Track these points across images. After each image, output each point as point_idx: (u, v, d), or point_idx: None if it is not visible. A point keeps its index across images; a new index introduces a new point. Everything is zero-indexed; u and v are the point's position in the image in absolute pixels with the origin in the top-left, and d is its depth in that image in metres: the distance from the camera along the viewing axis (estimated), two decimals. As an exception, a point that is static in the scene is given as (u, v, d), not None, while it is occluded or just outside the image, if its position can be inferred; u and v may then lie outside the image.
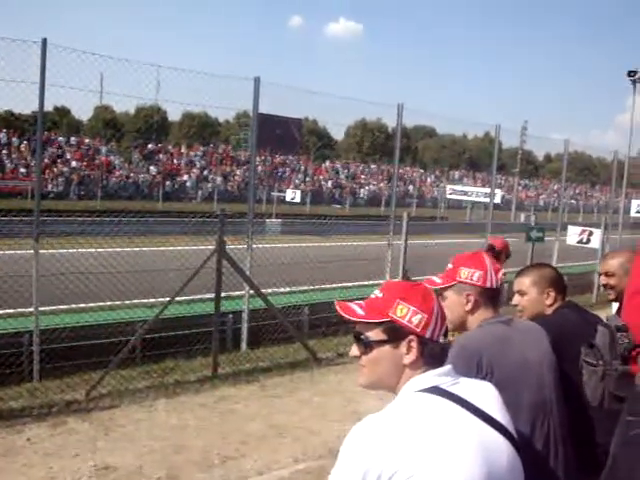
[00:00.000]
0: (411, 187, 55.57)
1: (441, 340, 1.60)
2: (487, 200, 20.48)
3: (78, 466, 4.69)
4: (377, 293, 1.63)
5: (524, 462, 1.55)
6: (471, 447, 1.41)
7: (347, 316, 1.60)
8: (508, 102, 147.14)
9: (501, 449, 1.48)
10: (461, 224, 32.00)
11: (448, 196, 41.12)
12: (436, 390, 1.50)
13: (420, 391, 1.51)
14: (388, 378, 1.59)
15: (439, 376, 1.54)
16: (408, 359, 1.55)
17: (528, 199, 60.89)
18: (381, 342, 1.57)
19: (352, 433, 1.43)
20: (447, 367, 1.58)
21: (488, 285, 2.28)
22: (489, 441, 1.47)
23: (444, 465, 1.36)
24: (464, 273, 2.29)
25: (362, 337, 1.59)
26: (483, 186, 47.20)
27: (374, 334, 1.58)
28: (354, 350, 1.63)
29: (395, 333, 1.56)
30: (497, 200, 23.67)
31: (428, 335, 1.56)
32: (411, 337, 1.55)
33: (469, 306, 2.27)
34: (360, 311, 1.60)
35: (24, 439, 5.15)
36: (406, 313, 1.56)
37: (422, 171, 63.98)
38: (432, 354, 1.57)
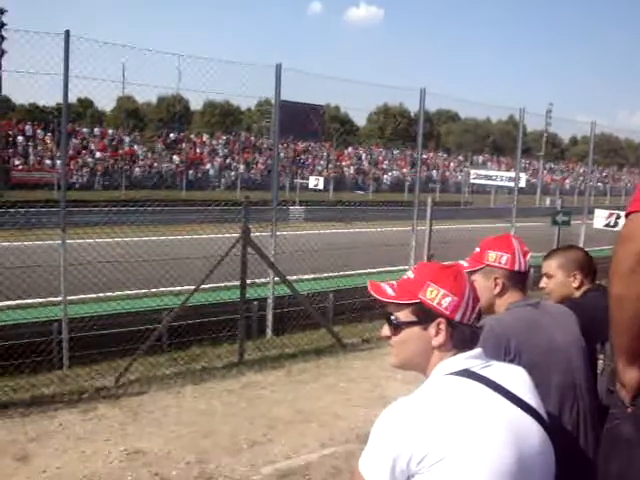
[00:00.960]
0: (434, 172, 55.17)
1: (474, 323, 1.59)
2: (512, 184, 20.25)
3: (109, 450, 4.77)
4: (409, 274, 1.64)
5: (554, 445, 1.54)
6: (501, 430, 1.41)
7: (378, 296, 1.61)
8: (533, 84, 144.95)
9: (532, 432, 1.48)
10: (486, 209, 31.71)
11: (472, 181, 40.73)
12: (467, 373, 1.50)
13: (451, 374, 1.51)
14: (417, 359, 1.59)
15: (470, 359, 1.54)
16: (437, 341, 1.56)
17: (554, 183, 60.07)
18: (410, 323, 1.58)
19: (382, 416, 1.44)
20: (478, 350, 1.57)
21: (516, 268, 2.27)
22: (520, 424, 1.46)
23: (475, 448, 1.36)
24: (492, 256, 2.27)
25: (392, 318, 1.60)
26: (507, 170, 46.66)
27: (404, 315, 1.59)
28: (385, 330, 1.64)
29: (424, 315, 1.56)
30: (522, 184, 23.39)
31: (458, 318, 1.55)
32: (440, 319, 1.55)
33: (497, 289, 2.26)
34: (391, 292, 1.61)
35: (56, 424, 5.25)
36: (436, 295, 1.56)
37: (445, 156, 63.46)
38: (462, 337, 1.57)
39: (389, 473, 1.38)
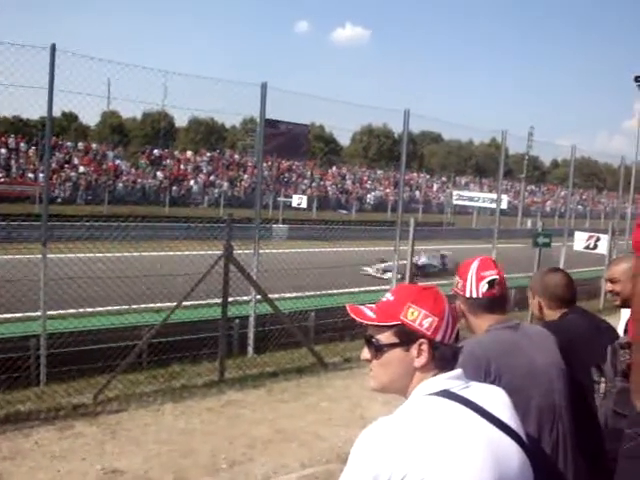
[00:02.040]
0: (417, 193, 55.52)
1: (452, 343, 1.59)
2: (493, 206, 20.45)
3: (85, 470, 4.70)
4: (388, 296, 1.63)
5: (533, 467, 1.55)
6: (481, 451, 1.41)
7: (358, 319, 1.60)
8: (514, 108, 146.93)
9: (511, 453, 1.48)
10: (468, 230, 31.95)
11: (455, 202, 41.08)
12: (446, 394, 1.50)
13: (430, 394, 1.50)
14: (399, 381, 1.58)
15: (450, 379, 1.54)
16: (419, 362, 1.55)
17: (535, 205, 60.72)
18: (392, 345, 1.56)
19: (362, 436, 1.43)
20: (458, 371, 1.57)
21: (467, 295, 2.28)
22: (499, 445, 1.46)
23: (454, 469, 1.36)
24: (455, 281, 2.33)
25: (373, 340, 1.59)
26: (489, 192, 47.12)
27: (385, 337, 1.57)
28: (365, 353, 1.62)
29: (406, 336, 1.55)
30: (504, 206, 23.59)
31: (439, 338, 1.55)
32: (422, 340, 1.54)
33: (459, 315, 2.29)
34: (371, 314, 1.60)
35: (32, 442, 5.16)
36: (417, 316, 1.55)
37: (428, 177, 63.93)
38: (443, 357, 1.56)
39: None
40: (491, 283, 2.26)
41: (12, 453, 4.95)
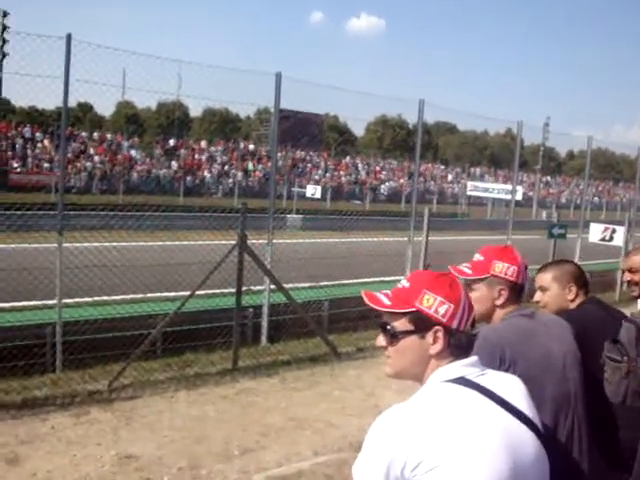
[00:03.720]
0: (432, 183, 55.29)
1: (468, 330, 1.59)
2: (508, 197, 20.31)
3: (100, 454, 4.76)
4: (404, 283, 1.62)
5: (549, 455, 1.55)
6: (496, 438, 1.41)
7: (374, 306, 1.59)
8: (530, 98, 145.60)
9: (526, 441, 1.48)
10: (482, 221, 31.77)
11: (469, 193, 40.85)
12: (462, 381, 1.50)
13: (446, 381, 1.50)
14: (414, 368, 1.58)
15: (465, 367, 1.54)
16: (434, 349, 1.54)
17: (550, 196, 60.25)
18: (407, 332, 1.56)
19: (377, 422, 1.44)
20: (473, 358, 1.57)
21: (520, 281, 2.29)
22: (515, 433, 1.47)
23: (469, 456, 1.36)
24: (499, 267, 2.28)
25: (388, 327, 1.59)
26: (504, 183, 46.81)
27: (400, 324, 1.57)
28: (380, 340, 1.62)
29: (421, 323, 1.55)
30: (518, 197, 23.44)
31: (455, 325, 1.54)
32: (437, 327, 1.54)
33: (501, 300, 2.27)
34: (387, 301, 1.59)
35: (48, 427, 5.24)
36: (432, 303, 1.54)
37: (443, 167, 63.62)
38: (459, 344, 1.56)
39: (383, 479, 1.38)
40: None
41: (29, 437, 5.03)
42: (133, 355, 6.54)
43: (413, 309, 1.55)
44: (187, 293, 7.18)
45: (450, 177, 61.24)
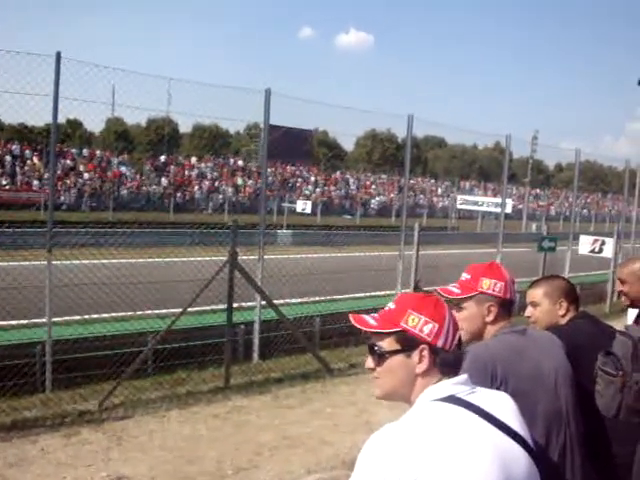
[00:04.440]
0: (422, 197, 55.52)
1: (455, 349, 1.61)
2: (498, 210, 20.40)
3: (91, 476, 4.70)
4: (390, 305, 1.66)
5: (541, 473, 1.55)
6: (488, 456, 1.41)
7: (361, 327, 1.62)
8: (518, 112, 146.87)
9: (518, 458, 1.48)
10: (472, 234, 31.90)
11: (459, 206, 41.08)
12: (452, 399, 1.50)
13: (436, 400, 1.51)
14: (402, 388, 1.60)
15: (455, 385, 1.55)
16: (420, 368, 1.57)
17: (539, 209, 60.62)
18: (394, 352, 1.59)
19: (369, 442, 1.43)
20: (463, 376, 1.58)
21: (509, 296, 2.30)
22: (506, 450, 1.46)
23: (461, 474, 1.36)
24: (486, 284, 2.29)
25: (376, 348, 1.61)
26: (494, 196, 47.10)
27: (387, 344, 1.60)
28: (369, 362, 1.65)
29: (407, 342, 1.58)
30: (508, 210, 23.58)
31: (440, 344, 1.57)
32: (423, 346, 1.57)
33: (491, 317, 2.28)
34: (373, 322, 1.63)
35: (38, 449, 5.17)
36: (417, 323, 1.57)
37: (433, 181, 63.93)
38: (445, 363, 1.58)
39: None
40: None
41: (18, 460, 4.96)
42: (124, 374, 6.48)
43: (399, 329, 1.58)
44: (178, 310, 7.14)
45: (440, 191, 61.52)
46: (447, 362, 1.58)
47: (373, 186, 56.71)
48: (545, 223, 15.46)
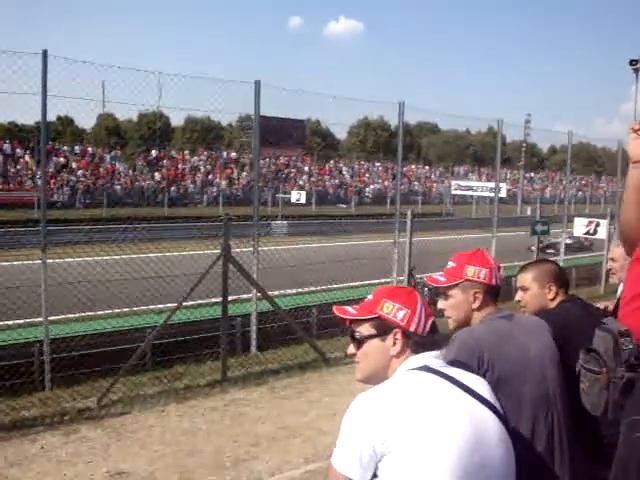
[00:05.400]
0: (416, 184, 55.53)
1: (428, 335, 1.75)
2: (493, 195, 20.45)
3: (91, 473, 4.74)
4: (369, 297, 1.84)
5: (527, 457, 1.60)
6: (458, 417, 1.54)
7: (341, 315, 1.82)
8: (511, 96, 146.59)
9: (489, 422, 1.61)
10: (467, 219, 31.92)
11: (453, 192, 41.13)
12: (426, 368, 1.66)
13: (411, 369, 1.67)
14: (380, 370, 1.75)
15: (429, 357, 1.71)
16: (394, 350, 1.73)
17: (534, 192, 60.67)
18: (371, 336, 1.76)
19: (348, 410, 1.58)
20: (436, 352, 1.74)
21: (494, 282, 2.32)
22: (477, 414, 1.59)
23: (432, 433, 1.49)
24: (470, 271, 2.31)
25: (355, 333, 1.79)
26: (488, 181, 47.13)
27: (365, 329, 1.77)
28: (350, 348, 1.82)
29: (382, 327, 1.75)
30: (502, 194, 23.58)
31: (412, 328, 1.73)
32: (396, 330, 1.73)
33: (477, 304, 2.30)
34: (353, 311, 1.81)
35: (38, 447, 5.21)
36: (391, 310, 1.74)
37: (427, 168, 63.90)
38: (418, 345, 1.72)
39: (358, 462, 1.51)
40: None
41: (19, 459, 4.99)
42: (121, 370, 6.51)
43: (375, 315, 1.76)
44: (174, 305, 7.16)
45: (434, 177, 61.52)
46: (419, 344, 1.72)
47: (367, 174, 56.67)
48: (540, 206, 15.48)
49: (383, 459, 1.49)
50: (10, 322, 8.26)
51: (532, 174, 69.94)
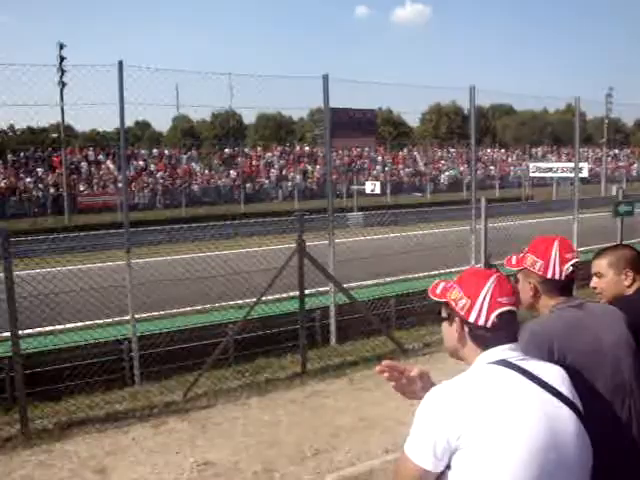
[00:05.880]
0: (492, 168, 54.25)
1: (492, 326, 1.68)
2: (573, 175, 19.73)
3: (180, 462, 4.96)
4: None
5: (606, 444, 1.59)
6: (536, 414, 1.53)
7: (430, 293, 1.85)
8: (591, 72, 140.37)
9: (566, 419, 1.58)
10: (546, 202, 30.90)
11: (532, 174, 39.91)
12: (504, 362, 1.63)
13: (489, 363, 1.64)
14: (454, 350, 1.80)
15: (507, 351, 1.66)
16: (456, 337, 1.75)
17: (619, 170, 57.98)
18: (444, 319, 1.81)
19: (424, 400, 1.60)
20: (515, 344, 1.69)
21: (549, 276, 2.24)
22: (554, 411, 1.57)
23: (510, 428, 1.49)
24: (529, 260, 2.28)
25: (441, 311, 1.84)
26: (569, 161, 45.44)
27: (443, 310, 1.81)
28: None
29: (450, 313, 1.77)
30: (584, 174, 22.73)
31: (471, 319, 1.70)
32: (457, 318, 1.74)
33: (531, 293, 2.27)
34: (438, 290, 1.83)
35: (130, 438, 5.49)
36: (457, 297, 1.74)
37: (503, 151, 62.28)
38: (477, 337, 1.70)
39: (432, 452, 1.53)
40: (574, 266, 2.26)
41: (113, 449, 5.29)
42: (206, 365, 6.74)
43: (445, 300, 1.78)
44: (254, 300, 7.32)
45: (511, 160, 59.88)
46: (478, 337, 1.69)
47: (442, 161, 55.80)
48: (620, 186, 14.73)
49: (457, 453, 1.51)
50: (100, 321, 8.70)
51: (616, 151, 66.85)
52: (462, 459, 1.50)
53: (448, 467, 1.54)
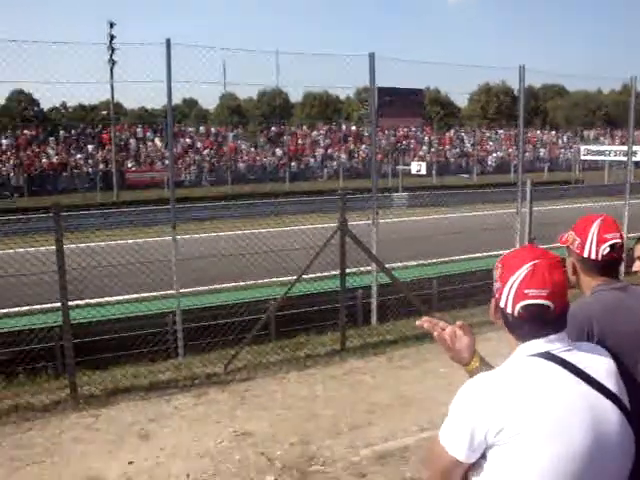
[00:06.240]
0: (542, 151, 53.03)
1: (517, 313, 1.59)
2: (627, 159, 19.16)
3: (219, 431, 5.11)
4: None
5: (636, 431, 1.57)
6: (578, 410, 1.48)
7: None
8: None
9: (610, 415, 1.52)
10: (597, 186, 30.13)
11: (582, 157, 38.83)
12: (547, 355, 1.56)
13: (531, 355, 1.57)
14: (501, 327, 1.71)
15: (551, 342, 1.58)
16: (495, 319, 1.68)
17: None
18: (492, 296, 1.71)
19: (462, 390, 1.55)
20: (560, 334, 1.60)
21: (585, 255, 2.20)
22: (598, 407, 1.51)
23: (550, 426, 1.45)
24: (570, 237, 2.25)
25: None
26: (623, 144, 44.04)
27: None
28: None
29: (494, 291, 1.69)
30: (638, 158, 21.91)
31: (501, 304, 1.62)
32: (494, 299, 1.68)
33: (571, 270, 2.26)
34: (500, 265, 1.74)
35: (172, 407, 5.68)
36: (496, 277, 1.67)
37: (553, 133, 60.74)
38: (508, 322, 1.63)
39: (467, 444, 1.49)
40: (612, 247, 2.19)
41: (156, 416, 5.48)
42: (246, 339, 6.88)
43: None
44: (295, 278, 7.40)
45: (561, 142, 58.38)
46: (509, 322, 1.62)
47: (490, 142, 54.80)
48: (678, 170, 14.23)
49: (495, 447, 1.48)
50: (146, 294, 8.94)
51: (675, 134, 64.38)
52: (500, 455, 1.48)
53: (483, 457, 1.51)
